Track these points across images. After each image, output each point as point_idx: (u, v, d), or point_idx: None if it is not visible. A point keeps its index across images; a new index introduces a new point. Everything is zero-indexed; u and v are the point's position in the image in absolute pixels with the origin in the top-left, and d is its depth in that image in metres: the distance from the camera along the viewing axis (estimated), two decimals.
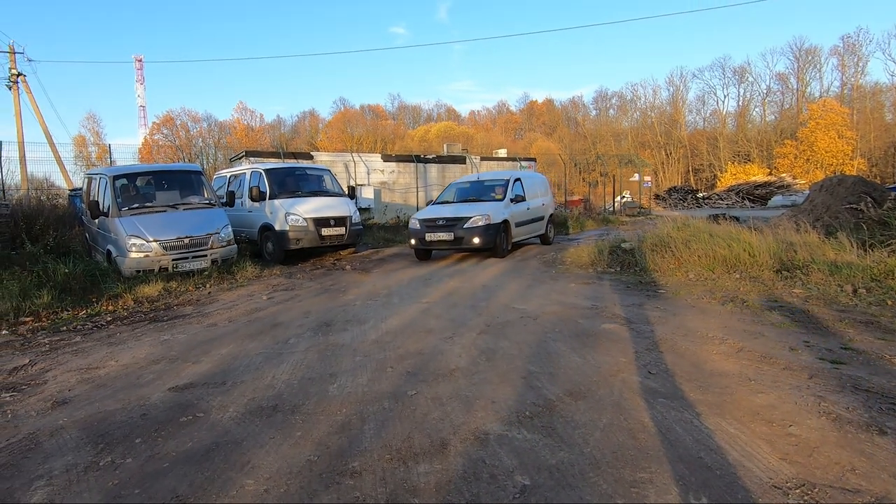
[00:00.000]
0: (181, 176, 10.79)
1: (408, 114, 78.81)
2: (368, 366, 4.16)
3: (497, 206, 10.71)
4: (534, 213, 12.23)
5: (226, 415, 3.32)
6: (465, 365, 4.09)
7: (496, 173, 12.72)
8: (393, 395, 3.51)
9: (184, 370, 4.28)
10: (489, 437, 2.86)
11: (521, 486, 2.38)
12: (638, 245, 8.97)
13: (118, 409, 3.52)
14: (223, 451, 2.84)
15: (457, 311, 6.05)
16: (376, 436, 2.93)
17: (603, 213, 26.03)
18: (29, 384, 4.15)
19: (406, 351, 4.51)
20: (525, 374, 3.84)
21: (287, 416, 3.24)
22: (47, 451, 2.97)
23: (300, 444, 2.86)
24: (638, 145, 60.62)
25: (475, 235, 10.02)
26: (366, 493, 2.37)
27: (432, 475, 2.49)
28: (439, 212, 10.88)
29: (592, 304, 6.11)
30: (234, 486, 2.48)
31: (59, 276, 7.92)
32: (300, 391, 3.66)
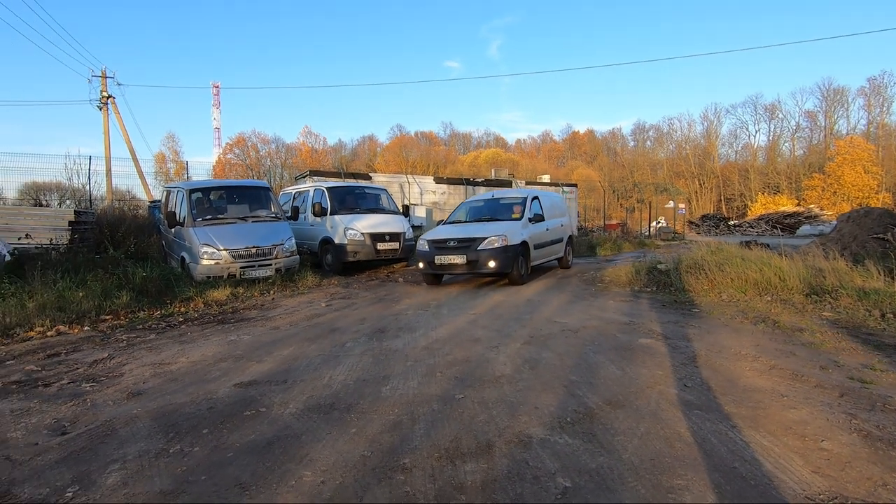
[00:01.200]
0: (251, 191, 11.21)
1: (459, 140, 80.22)
2: (419, 370, 4.21)
3: (514, 227, 9.18)
4: (553, 235, 10.75)
5: (286, 410, 3.42)
6: (510, 373, 4.10)
7: (512, 191, 11.08)
8: (442, 398, 3.54)
9: (248, 368, 4.43)
10: (532, 441, 2.86)
11: (563, 488, 2.37)
12: (673, 267, 8.82)
13: (187, 402, 3.65)
14: (283, 443, 2.92)
15: (502, 322, 6.07)
16: (426, 435, 2.96)
17: (639, 236, 25.62)
18: (107, 376, 4.36)
19: (454, 358, 4.55)
20: (566, 382, 3.82)
21: (343, 414, 3.31)
22: (122, 437, 3.11)
23: (355, 440, 2.92)
24: (673, 175, 60.64)
25: (490, 258, 8.50)
26: (415, 488, 2.40)
27: (478, 474, 2.51)
28: (451, 232, 9.34)
29: (630, 319, 6.02)
30: (292, 476, 2.55)
31: (138, 279, 8.29)
32: (355, 391, 3.74)
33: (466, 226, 9.76)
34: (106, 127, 25.65)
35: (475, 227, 9.45)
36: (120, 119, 25.51)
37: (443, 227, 10.23)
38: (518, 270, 8.94)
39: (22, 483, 2.53)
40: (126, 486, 2.48)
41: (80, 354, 5.08)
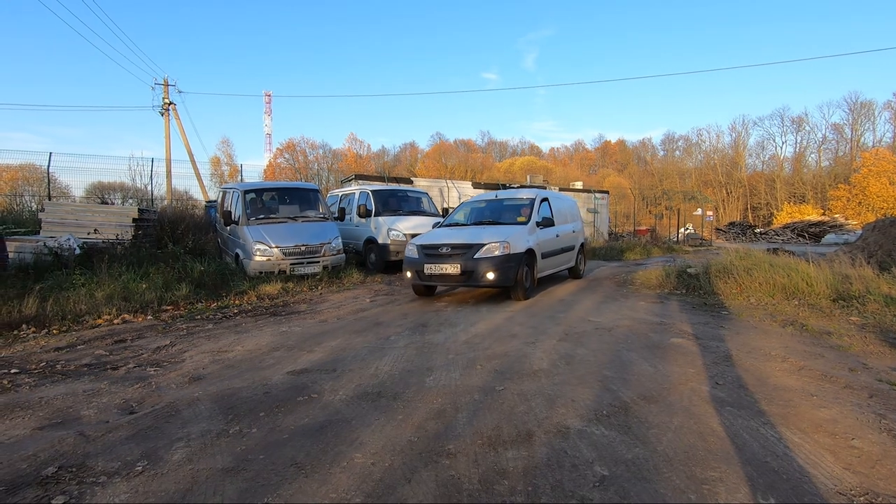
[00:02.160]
0: (301, 193, 11.46)
1: (496, 148, 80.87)
2: (460, 363, 4.27)
3: (520, 231, 7.67)
4: (564, 242, 9.20)
5: (336, 397, 3.52)
6: (547, 367, 4.12)
7: (520, 191, 9.53)
8: (483, 390, 3.60)
9: (300, 357, 4.56)
10: (570, 431, 2.88)
11: (601, 476, 2.40)
12: (703, 270, 8.68)
13: (244, 387, 3.79)
14: (334, 427, 3.01)
15: (537, 320, 6.09)
16: (468, 423, 3.02)
17: (668, 242, 25.18)
18: (169, 362, 4.54)
19: (493, 352, 4.59)
20: (601, 378, 3.83)
21: (390, 402, 3.39)
22: (185, 418, 3.24)
23: (402, 427, 2.99)
24: (701, 183, 60.05)
25: (489, 268, 6.95)
26: (460, 472, 2.46)
27: (519, 461, 2.55)
28: (445, 236, 7.78)
29: (661, 320, 5.95)
30: (344, 458, 2.63)
31: (196, 272, 8.59)
32: (401, 381, 3.82)
33: (464, 229, 8.17)
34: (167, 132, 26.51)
35: (474, 230, 7.89)
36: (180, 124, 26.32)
37: (438, 229, 8.61)
38: (522, 283, 7.33)
39: (96, 457, 2.67)
40: (191, 462, 2.60)
41: (145, 341, 5.31)
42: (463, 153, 69.97)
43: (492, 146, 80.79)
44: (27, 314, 6.15)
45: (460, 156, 67.86)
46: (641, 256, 17.44)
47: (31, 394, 3.62)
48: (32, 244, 9.45)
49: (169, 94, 26.78)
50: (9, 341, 5.23)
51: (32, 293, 6.53)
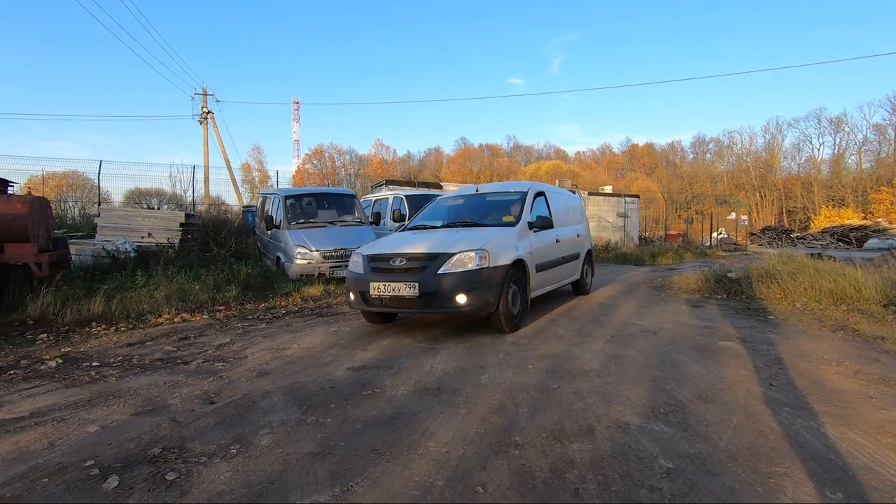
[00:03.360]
0: (338, 198, 11.79)
1: (521, 152, 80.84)
2: (511, 362, 4.40)
3: (504, 236, 5.70)
4: (566, 249, 7.25)
5: (399, 392, 3.68)
6: (598, 367, 4.22)
7: (508, 184, 7.68)
8: (538, 387, 3.72)
9: (356, 355, 4.75)
10: (630, 427, 2.99)
11: (666, 469, 2.50)
12: (744, 275, 8.61)
13: (310, 381, 3.98)
14: (404, 419, 3.17)
15: (580, 323, 6.15)
16: (530, 418, 3.15)
17: (700, 247, 24.84)
18: (233, 358, 4.77)
19: (542, 353, 4.70)
20: (653, 378, 3.91)
21: (450, 397, 3.54)
22: (263, 408, 3.43)
23: (467, 419, 3.14)
24: (733, 187, 58.56)
25: (459, 288, 4.97)
26: (531, 461, 2.59)
27: (586, 453, 2.67)
28: (402, 243, 5.72)
29: (706, 324, 5.97)
30: (419, 446, 2.78)
31: (242, 275, 8.92)
32: (456, 378, 3.97)
33: (432, 233, 6.13)
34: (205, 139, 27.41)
35: (443, 235, 5.86)
36: (217, 133, 27.30)
37: (398, 234, 6.67)
38: (507, 308, 5.29)
39: (192, 440, 2.89)
40: (279, 447, 2.79)
41: (206, 339, 5.59)
42: (488, 158, 70.20)
43: (517, 150, 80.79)
44: (95, 312, 6.52)
45: (486, 160, 68.08)
46: (674, 261, 17.31)
47: (119, 384, 3.89)
48: (90, 247, 9.95)
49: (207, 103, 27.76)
50: (84, 337, 5.58)
51: (99, 293, 6.91)
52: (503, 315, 5.28)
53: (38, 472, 2.44)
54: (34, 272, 6.80)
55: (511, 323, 5.44)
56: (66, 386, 3.81)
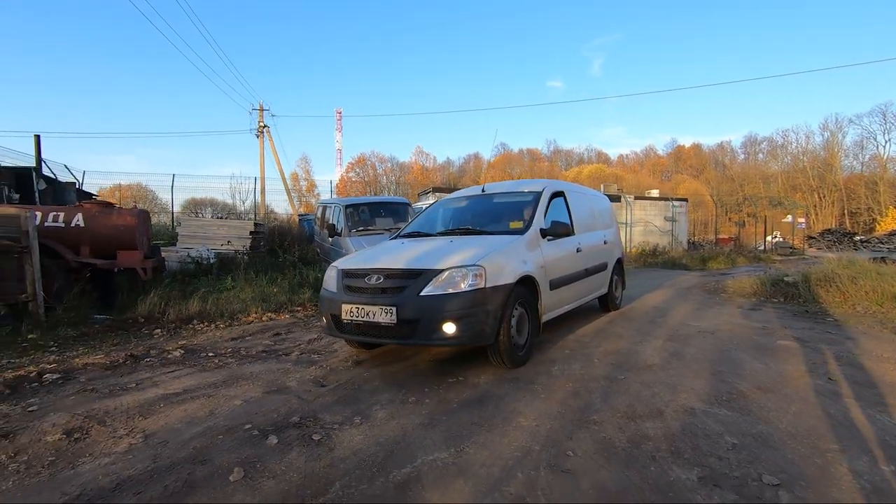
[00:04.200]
0: (394, 206, 12.42)
1: (562, 157, 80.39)
2: (577, 357, 4.79)
3: (510, 247, 4.63)
4: (589, 258, 6.12)
5: (480, 380, 4.14)
6: (660, 362, 4.56)
7: (519, 183, 6.43)
8: (606, 378, 4.11)
9: (430, 349, 5.24)
10: (696, 411, 3.35)
11: (732, 444, 2.86)
12: (802, 279, 8.66)
13: (400, 370, 4.47)
14: (491, 401, 3.62)
15: (637, 324, 6.46)
16: (603, 402, 3.55)
17: (754, 251, 24.27)
18: (325, 351, 5.32)
19: (605, 349, 5.07)
20: (714, 372, 4.23)
21: (527, 384, 3.98)
22: (368, 390, 3.92)
23: (547, 402, 3.57)
24: (788, 188, 55.98)
25: (446, 315, 3.95)
26: (610, 435, 3.00)
27: (658, 429, 3.06)
28: (382, 255, 4.78)
29: (763, 325, 6.18)
30: (512, 420, 3.23)
31: (311, 278, 9.62)
32: (529, 369, 4.38)
33: (423, 243, 5.07)
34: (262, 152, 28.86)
35: (435, 246, 4.81)
36: (273, 145, 28.64)
37: (387, 243, 5.57)
38: (508, 338, 4.22)
39: (321, 412, 3.41)
40: (394, 419, 3.30)
41: (295, 335, 6.21)
42: (528, 163, 70.21)
43: (558, 155, 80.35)
44: (193, 312, 7.29)
45: (526, 165, 68.12)
46: (726, 266, 17.13)
47: (241, 370, 4.52)
48: (174, 254, 10.93)
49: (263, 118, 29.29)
50: (191, 333, 6.31)
51: (195, 295, 7.70)
52: (503, 348, 4.17)
53: (213, 432, 3.03)
54: (140, 276, 7.66)
55: (514, 356, 4.30)
56: (199, 370, 4.47)
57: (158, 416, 3.28)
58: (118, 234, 7.45)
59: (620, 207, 21.94)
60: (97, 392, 3.79)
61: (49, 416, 3.25)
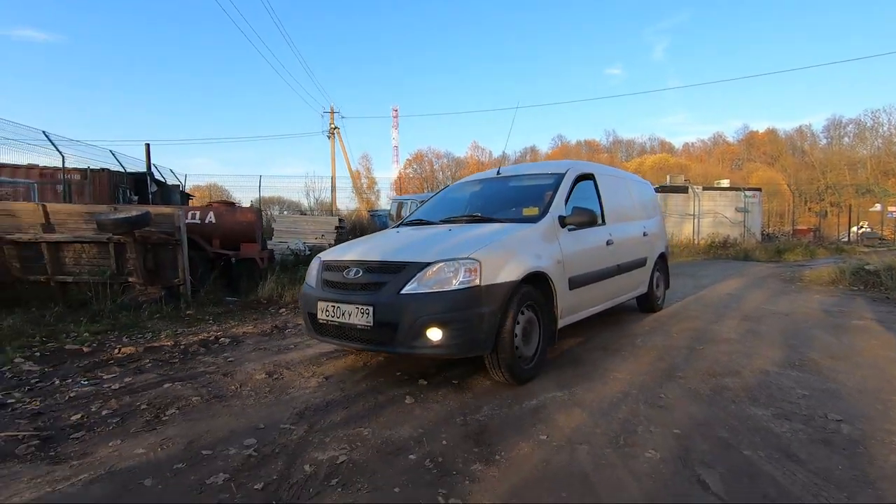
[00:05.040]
0: None
1: (622, 147, 78.36)
2: (657, 332, 5.36)
3: (516, 236, 3.90)
4: (623, 252, 5.32)
5: (574, 349, 4.81)
6: (736, 337, 5.08)
7: (540, 165, 5.87)
8: (686, 347, 4.69)
9: None
10: (769, 372, 3.89)
11: (801, 394, 3.40)
12: (884, 267, 8.69)
13: None
14: (588, 363, 4.26)
15: (712, 308, 6.89)
16: (686, 364, 4.15)
17: (836, 242, 23.28)
18: None
19: (682, 327, 5.61)
20: (787, 344, 4.72)
21: (615, 352, 4.61)
22: None
23: (637, 364, 4.20)
24: (879, 174, 51.52)
25: (431, 318, 3.21)
26: (694, 386, 3.60)
27: (736, 384, 3.64)
28: (368, 245, 4.21)
29: (840, 308, 6.49)
30: (608, 375, 3.86)
31: None
32: (612, 340, 4.99)
33: (421, 231, 4.41)
34: (332, 153, 30.57)
35: (431, 235, 4.16)
36: (343, 145, 30.25)
37: (383, 232, 5.12)
38: (511, 347, 3.49)
39: (448, 366, 4.23)
40: None
41: None
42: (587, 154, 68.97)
43: (617, 145, 78.10)
44: None
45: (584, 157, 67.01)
46: (804, 258, 16.76)
47: None
48: (273, 247, 12.22)
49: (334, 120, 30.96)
50: None
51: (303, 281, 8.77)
52: (504, 360, 3.43)
53: (374, 376, 3.90)
54: (258, 265, 8.83)
55: (517, 370, 3.54)
56: None
57: (327, 366, 4.19)
58: (241, 228, 8.63)
59: (688, 199, 21.72)
60: (268, 350, 4.77)
61: (245, 365, 4.23)
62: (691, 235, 20.94)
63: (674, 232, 20.46)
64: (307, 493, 2.19)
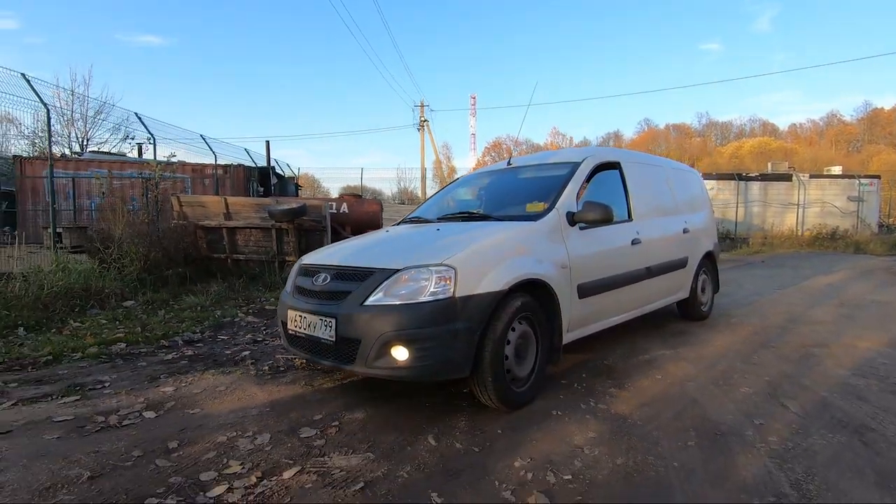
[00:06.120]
0: None
1: (716, 130, 73.62)
2: (753, 314, 6.00)
3: (508, 238, 3.32)
4: (654, 252, 4.66)
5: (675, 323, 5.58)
6: (830, 320, 5.63)
7: (556, 154, 4.94)
8: (780, 327, 5.33)
9: None
10: (857, 347, 4.51)
11: (882, 363, 4.01)
12: None
13: None
14: (688, 334, 4.99)
15: (810, 296, 7.31)
16: (778, 338, 4.84)
17: None
18: None
19: (778, 311, 6.19)
20: (882, 328, 5.23)
21: (711, 327, 5.32)
22: None
23: (732, 337, 4.93)
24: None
25: (396, 335, 2.72)
26: (785, 353, 4.31)
27: (823, 352, 4.31)
28: (348, 247, 3.72)
29: None
30: (707, 343, 4.62)
31: None
32: (712, 320, 5.68)
33: (412, 230, 4.01)
34: (422, 144, 32.25)
35: (416, 234, 3.78)
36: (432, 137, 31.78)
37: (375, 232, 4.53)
38: (498, 369, 2.93)
39: None
40: (626, 334, 4.97)
41: None
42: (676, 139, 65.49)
43: (711, 128, 72.96)
44: None
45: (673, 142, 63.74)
46: None
47: None
48: None
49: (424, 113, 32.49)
50: None
51: None
52: (490, 383, 2.90)
53: None
54: None
55: (507, 394, 3.00)
56: None
57: None
58: (368, 217, 10.04)
59: (791, 187, 20.92)
60: None
61: None
62: (794, 226, 20.22)
63: (774, 223, 19.95)
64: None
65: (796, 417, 2.93)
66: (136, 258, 7.10)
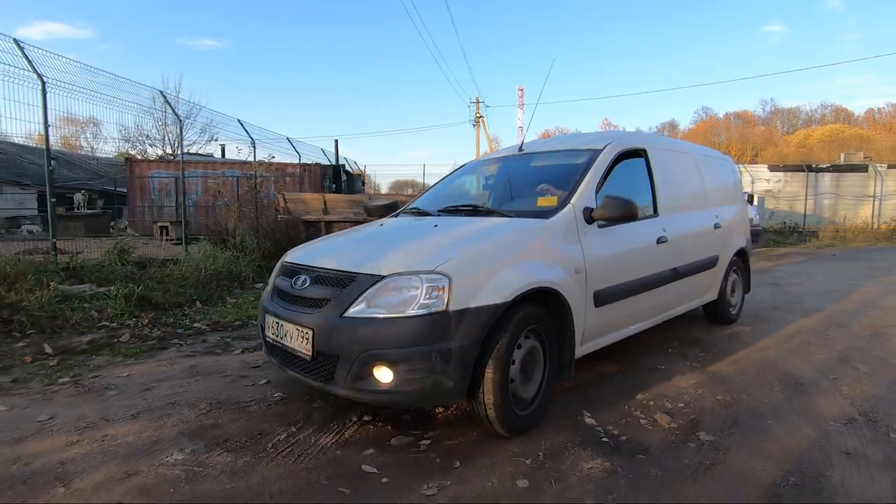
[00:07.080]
0: None
1: (782, 117, 69.46)
2: (825, 299, 6.51)
3: (512, 240, 2.90)
4: (681, 251, 4.11)
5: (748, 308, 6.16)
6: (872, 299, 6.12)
7: (574, 138, 4.57)
8: (853, 311, 5.83)
9: None
10: None
11: None
12: None
13: None
14: (765, 316, 5.62)
15: (883, 286, 7.68)
16: (851, 320, 5.36)
17: None
18: None
19: (853, 298, 6.64)
20: None
21: (787, 311, 5.88)
22: None
23: (807, 319, 5.45)
24: None
25: (377, 355, 2.39)
26: (856, 331, 4.85)
27: (893, 331, 4.84)
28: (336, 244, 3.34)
29: None
30: (784, 324, 5.20)
31: None
32: (784, 306, 6.20)
33: (409, 224, 3.51)
34: (478, 139, 32.91)
35: (410, 231, 3.29)
36: (487, 132, 32.41)
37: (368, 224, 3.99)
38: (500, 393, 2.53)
39: None
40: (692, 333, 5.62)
41: None
42: (738, 128, 61.81)
43: (776, 116, 67.73)
44: None
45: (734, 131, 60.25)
46: None
47: None
48: None
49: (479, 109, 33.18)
50: None
51: None
52: (489, 407, 2.53)
53: None
54: None
55: (509, 419, 2.61)
56: None
57: None
58: None
59: (867, 178, 20.38)
60: None
61: None
62: (869, 219, 19.73)
63: (847, 215, 19.57)
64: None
65: (865, 376, 3.56)
66: (256, 248, 8.24)
